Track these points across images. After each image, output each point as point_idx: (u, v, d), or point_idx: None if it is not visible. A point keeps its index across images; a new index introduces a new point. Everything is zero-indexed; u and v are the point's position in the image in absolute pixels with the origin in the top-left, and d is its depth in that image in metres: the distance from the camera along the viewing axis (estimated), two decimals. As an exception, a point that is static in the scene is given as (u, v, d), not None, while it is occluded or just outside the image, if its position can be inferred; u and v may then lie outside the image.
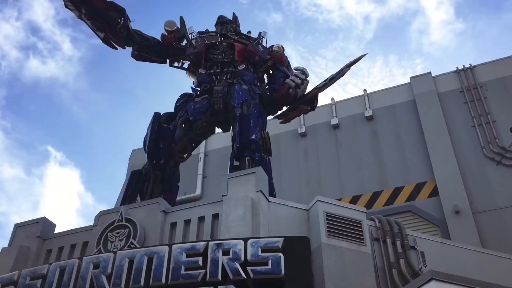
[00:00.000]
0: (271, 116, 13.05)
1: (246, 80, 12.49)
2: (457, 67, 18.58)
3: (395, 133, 18.05)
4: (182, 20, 13.68)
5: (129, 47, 13.21)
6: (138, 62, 13.53)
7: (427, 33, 43.82)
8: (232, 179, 9.65)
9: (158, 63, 13.67)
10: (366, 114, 18.75)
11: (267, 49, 13.36)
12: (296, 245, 7.79)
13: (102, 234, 9.47)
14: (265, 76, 13.50)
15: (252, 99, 12.09)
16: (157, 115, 12.04)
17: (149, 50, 13.31)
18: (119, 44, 12.97)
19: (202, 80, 12.67)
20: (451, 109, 17.66)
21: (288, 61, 13.43)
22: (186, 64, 13.53)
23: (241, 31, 13.83)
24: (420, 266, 9.29)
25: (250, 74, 12.77)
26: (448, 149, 16.68)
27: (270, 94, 12.67)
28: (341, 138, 18.78)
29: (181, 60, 13.54)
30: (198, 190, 19.35)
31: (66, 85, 44.84)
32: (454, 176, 16.03)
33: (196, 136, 12.55)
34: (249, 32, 13.85)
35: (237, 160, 11.39)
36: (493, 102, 17.22)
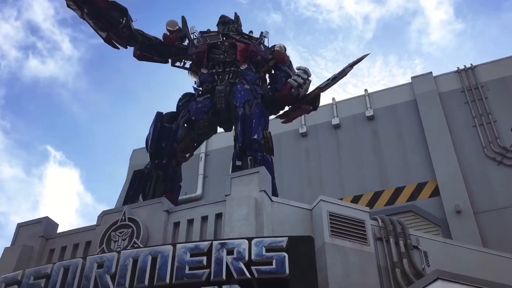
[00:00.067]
0: (273, 115, 13.05)
1: (248, 80, 12.48)
2: (458, 67, 18.60)
3: (396, 133, 18.05)
4: (184, 20, 13.67)
5: (131, 47, 13.18)
6: (137, 62, 13.51)
7: (427, 33, 43.88)
8: (235, 178, 9.64)
9: (160, 63, 13.64)
10: (367, 114, 18.75)
11: (269, 49, 13.35)
12: (300, 245, 7.78)
13: (105, 233, 9.47)
14: (267, 76, 13.50)
15: (254, 98, 12.08)
16: (160, 115, 12.05)
17: (151, 49, 13.29)
18: (121, 44, 12.94)
19: (204, 80, 12.66)
20: (452, 109, 17.67)
21: (290, 61, 13.43)
22: (188, 64, 13.52)
23: (243, 30, 13.84)
24: (423, 266, 9.29)
25: (252, 74, 12.75)
26: (449, 149, 16.68)
27: (272, 94, 12.65)
28: (342, 138, 18.77)
29: (183, 60, 13.53)
30: (199, 190, 19.35)
31: (65, 85, 44.85)
32: (455, 176, 16.04)
33: (198, 136, 12.56)
34: (251, 32, 13.85)
35: (239, 159, 11.38)
36: (494, 102, 17.24)
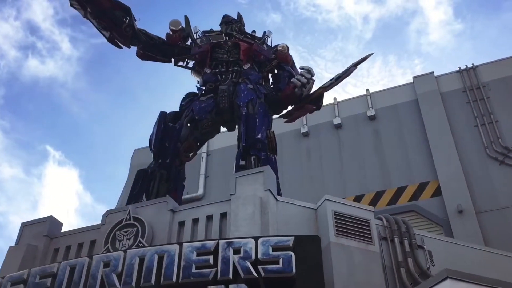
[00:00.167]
0: (275, 115, 13.04)
1: (252, 80, 12.47)
2: (459, 67, 18.63)
3: (398, 133, 18.06)
4: (187, 19, 13.67)
5: (134, 46, 13.19)
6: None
7: (426, 33, 43.89)
8: (240, 178, 9.63)
9: (163, 63, 13.64)
10: (369, 113, 18.75)
11: (272, 48, 13.34)
12: (306, 244, 7.78)
13: (110, 233, 9.45)
14: (270, 76, 13.51)
15: (257, 98, 12.06)
16: (163, 114, 12.03)
17: (154, 49, 13.28)
18: (124, 43, 12.93)
19: (207, 79, 12.65)
20: (453, 109, 17.69)
21: (292, 60, 13.41)
22: (191, 64, 13.51)
23: (245, 30, 13.84)
24: (428, 266, 9.29)
25: (255, 74, 12.75)
26: (451, 149, 16.70)
27: (275, 94, 12.65)
28: (344, 138, 18.78)
29: (186, 60, 13.52)
30: (200, 190, 19.35)
31: (65, 84, 44.82)
32: (457, 176, 16.05)
33: (202, 135, 12.55)
34: (253, 31, 13.84)
35: (243, 159, 11.37)
36: (496, 101, 17.26)
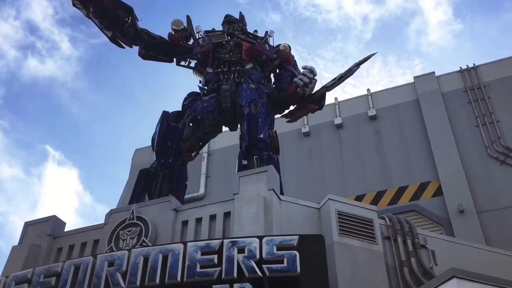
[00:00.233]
0: (277, 115, 13.04)
1: (254, 79, 12.48)
2: (460, 67, 18.61)
3: (399, 133, 18.05)
4: (189, 19, 13.67)
5: (136, 46, 13.19)
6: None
7: (426, 34, 43.90)
8: (243, 177, 9.65)
9: (165, 62, 13.62)
10: (370, 113, 18.73)
11: (274, 48, 13.34)
12: (311, 243, 7.78)
13: (113, 232, 9.48)
14: (272, 75, 13.50)
15: (260, 98, 12.08)
16: (166, 114, 12.07)
17: (156, 49, 13.28)
18: (127, 43, 12.93)
19: (210, 79, 12.65)
20: (454, 109, 17.68)
21: (294, 60, 13.41)
22: (193, 63, 13.52)
23: (247, 30, 13.84)
24: (431, 265, 9.31)
25: (258, 73, 12.75)
26: (452, 149, 16.70)
27: (278, 93, 12.65)
28: (345, 138, 18.77)
29: (188, 59, 13.52)
30: (201, 189, 19.34)
31: (64, 84, 44.80)
32: (458, 176, 16.05)
33: (204, 135, 12.57)
34: (255, 31, 13.84)
35: (245, 159, 11.38)
36: (497, 101, 17.25)
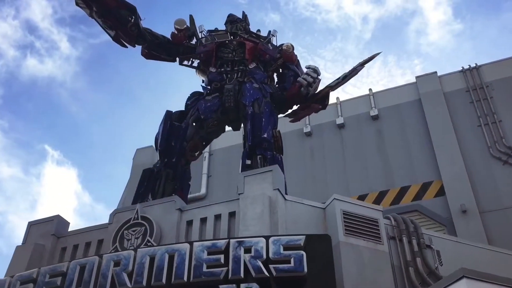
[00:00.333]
0: (281, 114, 13.01)
1: (257, 79, 12.45)
2: (462, 67, 18.61)
3: (401, 133, 18.04)
4: (192, 18, 13.65)
5: (138, 46, 13.15)
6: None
7: (425, 34, 43.88)
8: (248, 177, 9.61)
9: (168, 62, 13.61)
10: (372, 113, 18.72)
11: (277, 47, 13.31)
12: (317, 243, 7.76)
13: (118, 232, 9.43)
14: (275, 75, 13.47)
15: (263, 97, 12.04)
16: (169, 114, 12.02)
17: (159, 48, 13.25)
18: (129, 42, 12.90)
19: (213, 79, 12.63)
20: (457, 109, 17.67)
21: (297, 60, 13.39)
22: (196, 63, 13.49)
23: (250, 29, 13.82)
24: (436, 265, 9.29)
25: (261, 73, 12.73)
26: (454, 149, 16.69)
27: (281, 93, 12.62)
28: (347, 138, 18.76)
29: (191, 59, 13.50)
30: (203, 189, 19.33)
31: (64, 84, 44.75)
32: (461, 176, 16.04)
33: (207, 135, 12.54)
34: (258, 30, 13.82)
35: (249, 158, 11.35)
36: (499, 101, 17.24)
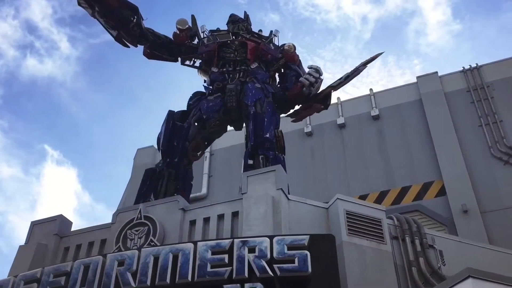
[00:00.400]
0: (283, 114, 13.01)
1: (259, 79, 12.46)
2: (463, 67, 18.61)
3: (402, 133, 18.04)
4: (194, 18, 13.66)
5: (140, 46, 13.17)
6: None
7: (425, 34, 43.89)
8: (251, 177, 9.62)
9: (170, 62, 13.63)
10: (373, 113, 18.72)
11: (279, 47, 13.32)
12: (321, 243, 7.77)
13: (121, 232, 9.44)
14: (277, 75, 13.47)
15: (265, 97, 12.05)
16: (172, 113, 12.03)
17: (161, 48, 13.27)
18: (132, 42, 12.93)
19: (215, 79, 12.64)
20: (458, 109, 17.67)
21: (299, 59, 13.39)
22: (198, 63, 13.51)
23: (252, 29, 13.82)
24: (439, 265, 9.30)
25: (263, 73, 12.74)
26: (455, 149, 16.69)
27: (283, 93, 12.62)
28: (347, 138, 18.76)
29: (193, 59, 13.51)
30: (204, 189, 19.31)
31: (63, 84, 44.72)
32: (462, 176, 16.04)
33: (210, 134, 12.54)
34: (260, 30, 13.83)
35: (251, 158, 11.35)
36: (500, 101, 17.25)
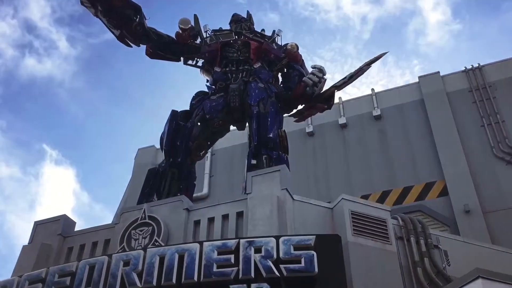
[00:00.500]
0: (286, 114, 12.98)
1: (262, 78, 12.43)
2: (465, 67, 18.58)
3: (404, 133, 18.01)
4: (196, 18, 13.61)
5: (143, 45, 13.13)
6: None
7: (424, 34, 43.89)
8: (256, 177, 9.59)
9: (172, 61, 13.60)
10: (374, 113, 18.69)
11: (281, 47, 13.29)
12: (327, 243, 7.76)
13: (125, 231, 9.41)
14: (279, 75, 13.44)
15: (268, 97, 12.02)
16: (175, 113, 12.00)
17: (163, 48, 13.22)
18: (134, 42, 12.89)
19: (218, 78, 12.60)
20: (460, 109, 17.64)
21: (302, 59, 13.35)
22: (200, 62, 13.47)
23: (255, 29, 13.79)
24: (444, 265, 9.28)
25: (266, 72, 12.71)
26: (457, 149, 16.66)
27: (286, 93, 12.59)
28: (349, 138, 18.73)
29: (196, 58, 13.48)
30: (205, 189, 19.27)
31: (62, 84, 44.69)
32: (464, 176, 16.02)
33: (213, 134, 12.54)
34: (263, 30, 13.81)
35: (254, 158, 11.31)
36: (502, 101, 17.22)
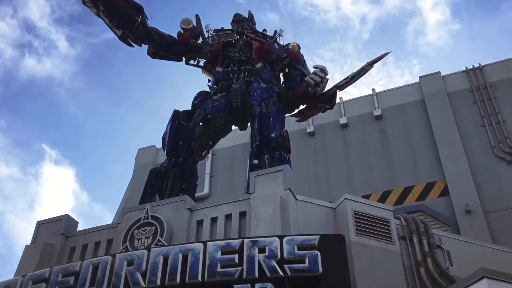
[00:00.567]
0: (288, 114, 12.98)
1: (264, 78, 12.43)
2: (466, 67, 18.56)
3: (405, 133, 18.00)
4: (198, 18, 13.62)
5: (145, 45, 13.13)
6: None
7: (424, 34, 43.90)
8: (259, 177, 9.59)
9: (174, 61, 13.60)
10: (375, 113, 18.67)
11: (283, 47, 13.30)
12: (331, 243, 7.78)
13: (128, 231, 9.41)
14: (281, 75, 13.44)
15: (270, 97, 12.03)
16: (177, 113, 12.01)
17: (165, 47, 13.22)
18: (136, 42, 12.90)
19: (220, 78, 12.61)
20: (460, 109, 17.63)
21: (304, 59, 13.35)
22: (202, 62, 13.48)
23: (257, 29, 13.80)
24: (446, 265, 9.29)
25: (268, 72, 12.72)
26: (458, 149, 16.66)
27: (288, 93, 12.60)
28: (350, 138, 18.72)
29: (197, 58, 13.48)
30: (206, 189, 19.25)
31: (62, 83, 44.65)
32: (465, 176, 16.01)
33: (214, 134, 12.54)
34: (264, 30, 13.82)
35: (256, 158, 11.33)
36: (503, 101, 17.20)
